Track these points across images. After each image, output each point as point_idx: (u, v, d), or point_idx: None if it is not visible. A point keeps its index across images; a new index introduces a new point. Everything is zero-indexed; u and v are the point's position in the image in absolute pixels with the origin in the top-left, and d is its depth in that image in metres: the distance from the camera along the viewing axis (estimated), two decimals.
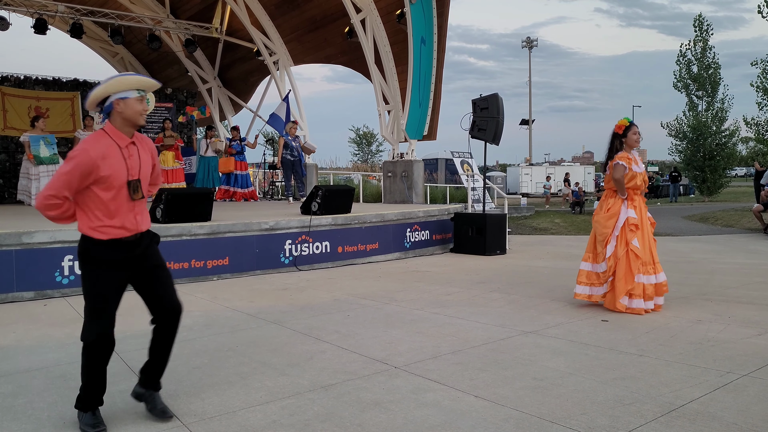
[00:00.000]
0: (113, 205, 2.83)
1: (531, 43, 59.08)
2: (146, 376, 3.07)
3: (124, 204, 2.86)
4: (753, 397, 3.15)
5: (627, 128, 5.45)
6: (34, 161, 12.13)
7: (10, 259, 6.06)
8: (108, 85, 2.83)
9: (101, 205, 2.82)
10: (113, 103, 2.85)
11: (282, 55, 16.10)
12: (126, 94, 2.85)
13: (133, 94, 2.86)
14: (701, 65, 28.84)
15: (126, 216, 2.87)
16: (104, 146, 2.81)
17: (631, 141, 5.44)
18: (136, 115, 2.87)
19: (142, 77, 2.93)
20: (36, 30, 15.03)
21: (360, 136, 67.43)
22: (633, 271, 5.22)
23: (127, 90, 2.85)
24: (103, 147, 2.81)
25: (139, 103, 2.87)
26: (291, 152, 12.24)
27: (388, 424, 2.90)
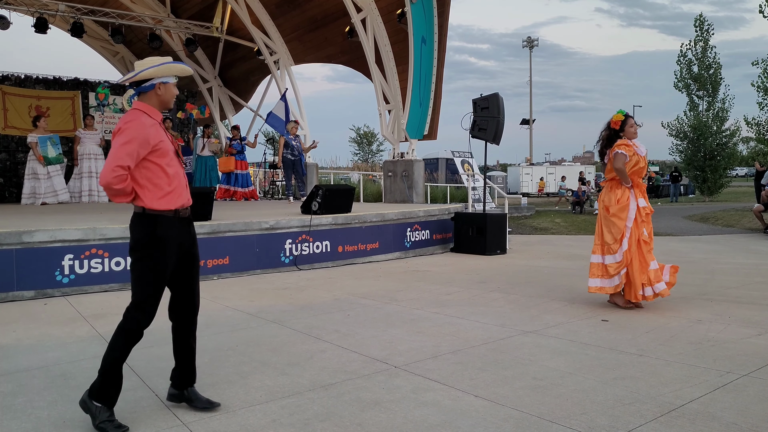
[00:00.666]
0: (172, 171, 2.97)
1: (532, 42, 59.08)
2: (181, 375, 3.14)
3: (179, 171, 3.02)
4: (753, 397, 3.14)
5: (623, 122, 5.42)
6: (44, 162, 12.14)
7: (10, 258, 6.06)
8: (158, 70, 3.00)
9: (162, 173, 2.94)
10: (156, 85, 3.00)
11: (282, 54, 16.11)
12: (168, 79, 3.03)
13: (173, 79, 3.05)
14: (702, 65, 28.83)
15: (180, 185, 3.01)
16: (145, 119, 2.95)
17: (630, 134, 5.42)
18: (172, 99, 3.08)
19: (185, 66, 3.14)
20: (37, 29, 15.05)
21: (360, 136, 67.46)
22: (647, 260, 5.28)
23: (170, 76, 3.04)
24: (146, 119, 2.95)
25: (175, 88, 3.09)
26: (291, 152, 12.24)
27: (388, 423, 2.90)
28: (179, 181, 3.00)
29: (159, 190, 2.93)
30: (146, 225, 2.92)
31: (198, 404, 3.09)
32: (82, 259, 6.44)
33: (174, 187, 2.97)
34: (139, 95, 3.02)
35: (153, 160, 2.91)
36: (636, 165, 5.38)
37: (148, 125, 2.91)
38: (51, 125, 14.02)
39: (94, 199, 13.15)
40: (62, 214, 9.00)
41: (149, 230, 2.92)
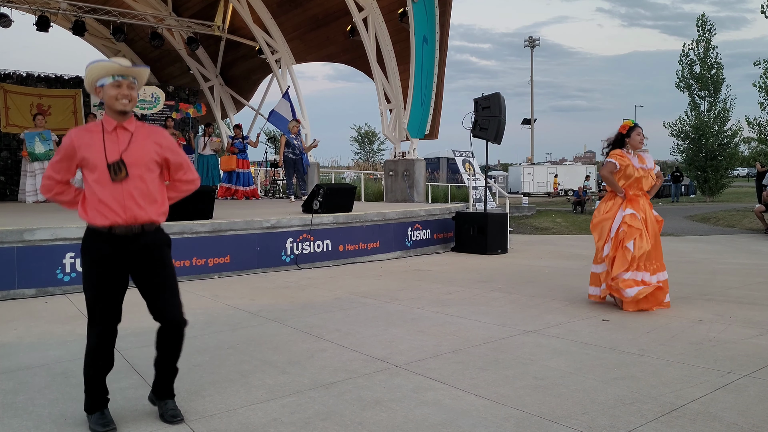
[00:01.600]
0: (98, 187, 2.81)
1: (533, 42, 59.02)
2: (155, 387, 3.05)
3: (111, 187, 2.81)
4: (754, 398, 3.14)
5: (631, 129, 5.46)
6: (29, 158, 12.14)
7: (11, 256, 6.07)
8: (86, 76, 2.89)
9: (89, 188, 2.85)
10: (95, 91, 2.91)
11: (284, 53, 16.10)
12: (102, 81, 2.86)
13: (108, 80, 2.84)
14: (704, 65, 28.81)
15: (115, 200, 2.81)
16: (89, 130, 2.88)
17: (635, 141, 5.43)
18: (111, 101, 2.85)
19: (110, 63, 2.86)
20: (38, 27, 15.04)
21: (362, 135, 67.48)
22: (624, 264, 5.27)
23: (101, 77, 2.86)
24: (88, 130, 2.88)
25: (114, 88, 2.84)
26: (293, 150, 12.24)
27: (389, 422, 2.90)
28: (111, 197, 2.80)
29: (87, 204, 2.85)
30: (84, 237, 2.90)
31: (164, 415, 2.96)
32: None
33: (103, 204, 2.80)
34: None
35: (85, 173, 2.86)
36: (630, 177, 5.39)
37: (79, 138, 2.83)
38: (52, 123, 14.02)
39: None
40: (63, 212, 8.99)
41: (84, 241, 2.89)
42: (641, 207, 5.43)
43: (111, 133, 2.86)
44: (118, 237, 2.84)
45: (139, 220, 2.86)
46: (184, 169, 3.09)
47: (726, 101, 28.71)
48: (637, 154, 5.48)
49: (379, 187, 19.38)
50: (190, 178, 3.13)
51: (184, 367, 3.76)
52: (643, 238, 5.28)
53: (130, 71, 2.89)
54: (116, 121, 2.88)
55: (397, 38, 13.08)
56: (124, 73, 2.86)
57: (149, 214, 2.90)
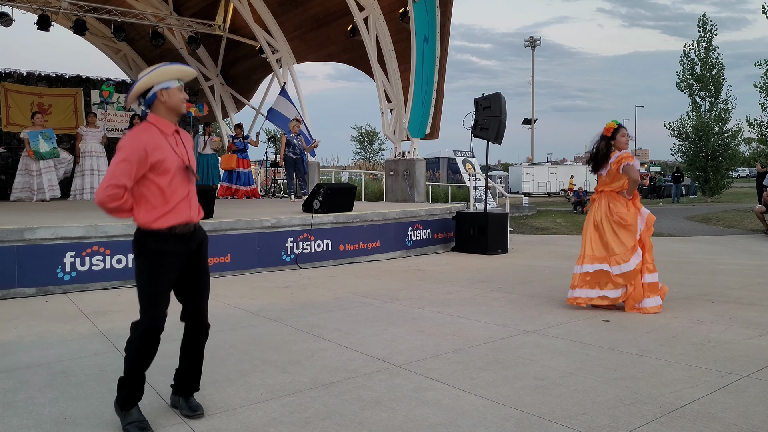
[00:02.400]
0: (169, 191, 2.86)
1: (534, 42, 59.02)
2: (179, 382, 3.09)
3: (179, 189, 2.90)
4: (754, 398, 3.14)
5: (615, 131, 5.40)
6: (35, 157, 12.13)
7: (11, 255, 6.07)
8: (152, 76, 2.88)
9: (158, 192, 2.84)
10: (157, 93, 2.89)
11: (285, 52, 16.10)
12: (168, 84, 2.90)
13: (175, 83, 2.92)
14: (705, 66, 28.80)
15: (182, 203, 2.91)
16: (153, 134, 2.88)
17: (620, 143, 5.39)
18: (179, 104, 2.93)
19: (183, 67, 2.99)
20: (39, 26, 15.04)
21: (362, 135, 67.47)
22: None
23: (170, 80, 2.91)
24: (152, 134, 2.87)
25: (181, 92, 2.94)
26: (293, 150, 12.24)
27: (389, 422, 2.90)
28: (179, 199, 2.89)
29: (153, 210, 2.85)
30: (141, 238, 2.89)
31: (182, 411, 3.03)
32: (84, 257, 6.45)
33: (171, 206, 2.86)
34: (149, 108, 2.94)
35: (151, 178, 2.83)
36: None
37: (149, 142, 2.81)
38: (53, 122, 14.01)
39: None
40: (64, 212, 9.01)
41: (143, 241, 2.88)
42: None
43: (171, 136, 2.93)
44: (178, 236, 2.90)
45: (193, 221, 2.98)
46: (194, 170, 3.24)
47: (727, 102, 28.70)
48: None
49: (380, 186, 19.39)
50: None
51: None
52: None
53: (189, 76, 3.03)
54: (173, 124, 2.97)
55: (398, 38, 13.07)
56: (185, 78, 3.00)
57: (200, 215, 3.05)
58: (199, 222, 3.05)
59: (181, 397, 3.08)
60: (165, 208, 2.85)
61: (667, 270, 7.83)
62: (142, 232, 2.88)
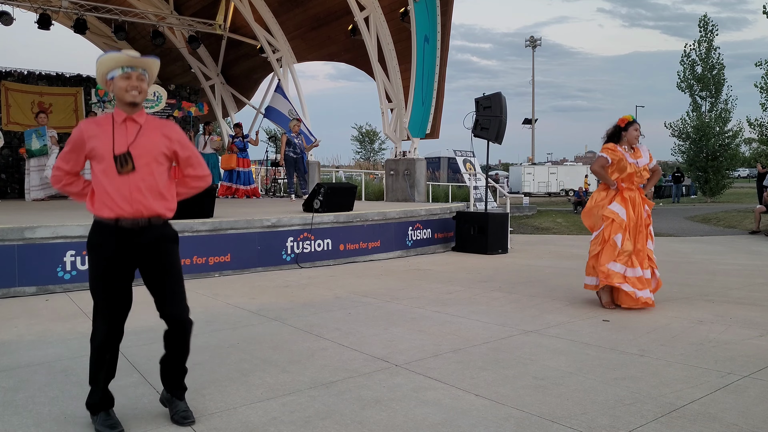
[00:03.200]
0: (106, 179, 2.79)
1: (534, 42, 59.00)
2: (165, 383, 3.04)
3: (118, 180, 2.78)
4: (754, 399, 3.14)
5: (629, 123, 5.50)
6: (26, 155, 12.15)
7: (12, 254, 6.07)
8: (96, 69, 2.88)
9: (96, 179, 2.83)
10: (106, 84, 2.89)
11: (285, 52, 16.10)
12: (112, 73, 2.85)
13: (117, 71, 2.83)
14: (705, 66, 28.79)
15: (122, 193, 2.78)
16: (99, 121, 2.86)
17: (631, 137, 5.47)
18: (121, 92, 2.83)
19: (120, 55, 2.86)
20: (40, 25, 15.04)
21: (363, 134, 67.47)
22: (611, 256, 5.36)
23: (111, 69, 2.85)
24: (98, 122, 2.86)
25: (124, 80, 2.82)
26: (294, 149, 12.24)
27: (389, 421, 2.90)
28: (117, 188, 2.77)
29: (96, 195, 2.83)
30: (90, 231, 2.87)
31: (175, 416, 2.93)
32: (84, 256, 6.43)
33: (110, 196, 2.77)
34: None
35: (93, 165, 2.84)
36: (624, 170, 5.42)
37: (88, 128, 2.81)
38: (53, 121, 14.01)
39: None
40: (64, 210, 9.01)
41: (90, 234, 2.87)
42: (630, 200, 5.46)
43: (120, 124, 2.84)
44: (125, 230, 2.80)
45: (145, 214, 2.82)
46: (194, 164, 3.04)
47: (727, 102, 28.70)
48: (635, 148, 5.52)
49: (380, 186, 19.39)
50: (201, 173, 3.07)
51: None
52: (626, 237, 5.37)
53: (140, 62, 2.87)
54: (126, 113, 2.86)
55: (399, 37, 13.07)
56: (133, 65, 2.85)
57: (156, 207, 2.85)
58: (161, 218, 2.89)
59: (170, 395, 3.00)
60: (102, 197, 2.80)
61: (667, 270, 7.82)
62: (94, 221, 2.88)
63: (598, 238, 5.52)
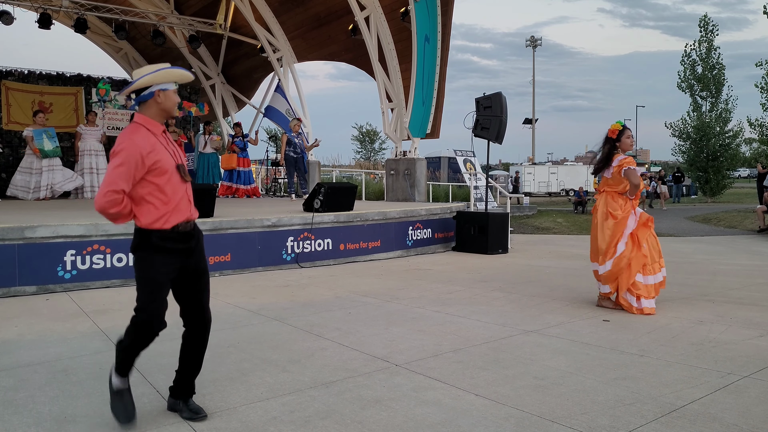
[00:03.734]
0: (169, 189, 2.86)
1: (535, 42, 58.99)
2: (180, 385, 3.05)
3: (178, 188, 2.91)
4: (754, 399, 3.14)
5: (621, 132, 5.45)
6: (39, 155, 12.13)
7: (12, 254, 6.07)
8: (156, 76, 2.88)
9: (159, 192, 2.84)
10: (155, 93, 2.89)
11: (286, 52, 16.10)
12: (167, 86, 2.91)
13: (172, 86, 2.93)
14: (706, 66, 28.79)
15: (182, 201, 2.92)
16: (144, 136, 2.86)
17: (625, 145, 5.45)
18: (173, 106, 2.96)
19: (184, 71, 3.00)
20: (40, 25, 15.04)
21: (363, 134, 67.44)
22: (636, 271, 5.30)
23: (170, 82, 2.92)
24: (144, 136, 2.85)
25: (176, 95, 2.97)
26: (294, 149, 12.24)
27: (389, 421, 2.90)
28: (179, 197, 2.91)
29: (154, 211, 2.84)
30: (144, 235, 2.88)
31: (183, 414, 3.00)
32: (84, 255, 6.45)
33: (173, 205, 2.87)
34: (139, 105, 2.92)
35: (150, 179, 2.82)
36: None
37: (144, 144, 2.80)
38: (53, 121, 14.00)
39: (95, 195, 13.14)
40: (64, 210, 9.01)
41: (146, 237, 2.88)
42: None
43: (161, 136, 2.92)
44: (181, 234, 2.92)
45: (194, 217, 3.03)
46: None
47: (728, 102, 28.68)
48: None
49: (380, 186, 19.38)
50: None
51: None
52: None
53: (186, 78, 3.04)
54: (162, 125, 2.96)
55: (399, 37, 13.06)
56: (182, 81, 3.02)
57: (196, 213, 3.07)
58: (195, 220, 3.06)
59: (180, 400, 3.04)
60: (166, 207, 2.85)
61: (667, 270, 7.80)
62: (143, 233, 2.87)
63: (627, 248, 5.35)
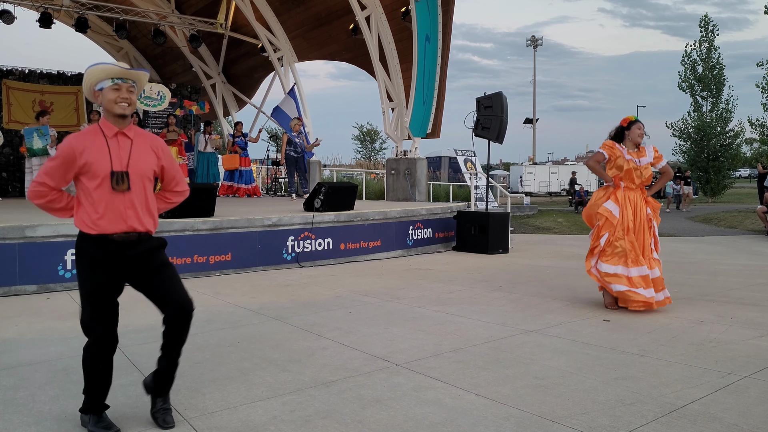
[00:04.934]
0: (98, 196, 2.73)
1: (536, 42, 58.97)
2: (154, 383, 2.93)
3: (110, 196, 2.74)
4: (754, 399, 3.14)
5: (632, 123, 5.53)
6: (27, 153, 12.14)
7: (13, 253, 6.08)
8: (85, 79, 2.82)
9: (89, 196, 2.74)
10: (95, 95, 2.83)
11: (286, 51, 16.10)
12: (101, 84, 2.80)
13: (107, 83, 2.78)
14: (706, 66, 28.78)
15: (115, 209, 2.75)
16: (90, 135, 2.78)
17: (633, 135, 5.50)
18: (110, 104, 2.79)
19: (110, 66, 2.80)
20: (41, 24, 15.05)
21: (363, 134, 67.41)
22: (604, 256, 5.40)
23: (100, 80, 2.80)
24: (89, 136, 2.78)
25: (113, 91, 2.78)
26: (294, 149, 12.24)
27: (389, 421, 2.90)
28: (111, 208, 2.74)
29: (85, 214, 2.75)
30: (77, 240, 2.81)
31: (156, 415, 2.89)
32: None
33: (101, 213, 2.73)
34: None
35: (83, 181, 2.75)
36: (621, 168, 5.42)
37: (79, 144, 2.72)
38: (55, 120, 14.01)
39: None
40: None
41: (77, 244, 2.81)
42: (635, 202, 5.44)
43: (112, 139, 2.79)
44: (115, 242, 2.77)
45: (136, 231, 2.81)
46: (177, 179, 3.07)
47: (728, 102, 28.67)
48: (640, 147, 5.54)
49: (381, 185, 19.38)
50: (182, 189, 3.11)
51: (184, 364, 3.76)
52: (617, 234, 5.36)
53: (130, 74, 2.83)
54: (117, 126, 2.82)
55: (400, 37, 13.07)
56: (123, 76, 2.81)
57: (146, 224, 2.85)
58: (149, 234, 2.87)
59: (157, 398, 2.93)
60: (95, 214, 2.74)
61: (668, 270, 7.80)
62: (80, 235, 2.80)
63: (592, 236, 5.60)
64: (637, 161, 5.45)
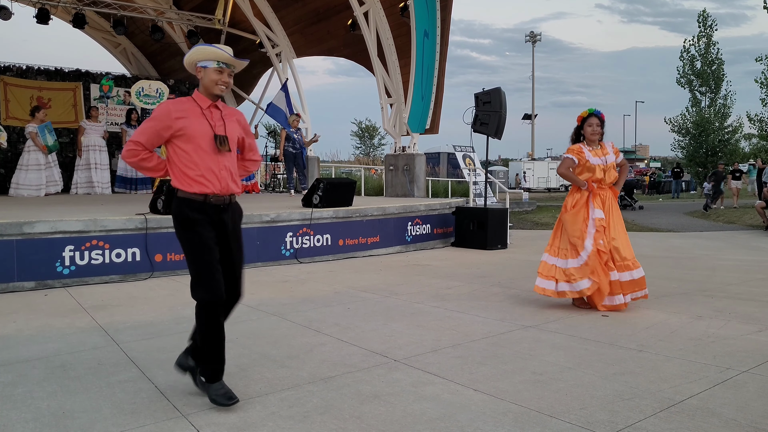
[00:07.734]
0: (198, 158, 2.99)
1: (534, 37, 58.88)
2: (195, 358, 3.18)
3: (207, 158, 3.01)
4: (753, 394, 3.14)
5: (584, 119, 5.14)
6: (46, 151, 12.10)
7: (11, 249, 6.06)
8: (192, 52, 3.07)
9: (186, 158, 3.00)
10: (196, 69, 3.08)
11: (285, 47, 16.07)
12: (206, 63, 3.04)
13: (212, 64, 3.03)
14: (705, 61, 28.79)
15: (212, 171, 3.01)
16: (186, 103, 3.06)
17: (587, 133, 5.16)
18: (211, 84, 3.06)
19: (219, 51, 3.05)
20: (38, 20, 14.98)
21: (362, 130, 67.34)
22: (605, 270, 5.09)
23: (207, 60, 3.04)
24: (185, 103, 3.06)
25: (217, 73, 3.05)
26: (293, 145, 12.23)
27: (387, 416, 2.90)
28: (208, 169, 3.02)
29: (182, 174, 3.01)
30: (178, 206, 3.04)
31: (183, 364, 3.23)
32: (83, 251, 6.44)
33: (198, 173, 3.00)
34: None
35: (178, 144, 3.00)
36: (588, 171, 5.13)
37: (177, 108, 2.99)
38: (52, 116, 13.98)
39: (96, 190, 13.14)
40: (63, 206, 9.00)
41: (180, 210, 3.03)
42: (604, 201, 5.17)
43: (206, 110, 3.07)
44: (212, 206, 3.03)
45: (229, 191, 3.10)
46: (254, 149, 3.41)
47: (727, 97, 28.71)
48: (602, 144, 5.21)
49: (380, 181, 19.37)
50: (257, 158, 3.45)
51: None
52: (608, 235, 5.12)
53: (234, 62, 3.10)
54: (211, 101, 3.10)
55: (398, 32, 13.04)
56: (228, 62, 3.08)
57: (234, 188, 3.14)
58: (236, 197, 3.17)
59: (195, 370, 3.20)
60: (193, 173, 2.99)
61: (666, 266, 7.83)
62: (178, 200, 3.02)
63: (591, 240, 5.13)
64: (604, 161, 5.15)
